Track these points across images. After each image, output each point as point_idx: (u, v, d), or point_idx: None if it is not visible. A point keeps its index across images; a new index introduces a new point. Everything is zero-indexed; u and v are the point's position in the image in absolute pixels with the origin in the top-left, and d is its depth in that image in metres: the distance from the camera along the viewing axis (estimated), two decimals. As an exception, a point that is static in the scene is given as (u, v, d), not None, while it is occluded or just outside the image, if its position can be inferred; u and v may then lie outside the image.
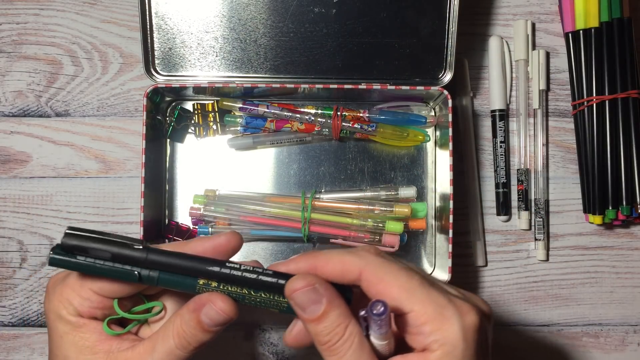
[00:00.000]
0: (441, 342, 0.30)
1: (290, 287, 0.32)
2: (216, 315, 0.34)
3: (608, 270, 0.57)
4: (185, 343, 0.34)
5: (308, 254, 0.34)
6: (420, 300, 0.31)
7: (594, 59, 0.55)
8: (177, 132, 0.55)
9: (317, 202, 0.52)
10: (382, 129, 0.53)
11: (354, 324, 0.31)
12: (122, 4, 0.57)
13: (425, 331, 0.31)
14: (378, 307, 0.29)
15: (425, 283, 0.32)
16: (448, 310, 0.31)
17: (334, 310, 0.31)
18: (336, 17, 0.51)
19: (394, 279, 0.32)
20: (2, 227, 0.56)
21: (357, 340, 0.31)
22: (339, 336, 0.31)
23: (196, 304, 0.34)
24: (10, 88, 0.56)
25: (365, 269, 0.32)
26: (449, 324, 0.31)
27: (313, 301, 0.31)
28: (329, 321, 0.31)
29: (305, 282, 0.32)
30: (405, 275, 0.32)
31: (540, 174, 0.57)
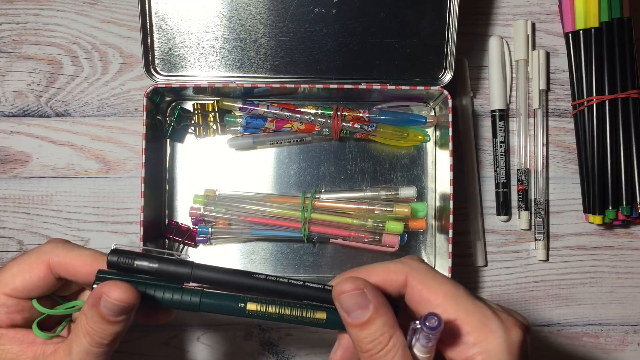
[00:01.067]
0: (485, 355, 0.30)
1: (338, 288, 0.31)
2: (114, 306, 0.32)
3: (608, 270, 0.57)
4: (97, 339, 0.33)
5: (350, 271, 0.33)
6: (465, 309, 0.31)
7: (594, 59, 0.55)
8: (177, 132, 0.55)
9: (317, 202, 0.52)
10: (382, 129, 0.53)
11: (399, 335, 0.31)
12: (122, 4, 0.57)
13: (469, 341, 0.30)
14: (432, 320, 0.29)
15: (471, 294, 0.32)
16: (494, 322, 0.30)
17: (380, 318, 0.31)
18: (336, 17, 0.51)
19: (440, 285, 0.31)
20: (2, 227, 0.56)
21: (400, 352, 0.30)
22: (383, 345, 0.30)
23: (94, 298, 0.33)
24: (10, 88, 0.56)
25: (411, 274, 0.32)
26: (494, 337, 0.30)
27: (360, 306, 0.31)
28: (374, 328, 0.30)
29: (354, 285, 0.31)
30: (451, 283, 0.32)
31: (540, 174, 0.57)
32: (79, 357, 0.34)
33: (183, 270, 0.34)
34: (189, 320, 0.55)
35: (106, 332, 0.33)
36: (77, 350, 0.33)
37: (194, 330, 0.55)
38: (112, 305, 0.32)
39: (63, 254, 0.35)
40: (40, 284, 0.35)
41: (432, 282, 0.32)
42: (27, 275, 0.35)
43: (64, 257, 0.35)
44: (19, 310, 0.35)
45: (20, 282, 0.35)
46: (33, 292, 0.35)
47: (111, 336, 0.33)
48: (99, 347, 0.33)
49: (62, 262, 0.35)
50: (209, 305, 0.34)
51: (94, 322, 0.33)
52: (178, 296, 0.34)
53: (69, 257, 0.35)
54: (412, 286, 0.32)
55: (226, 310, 0.34)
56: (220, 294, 0.35)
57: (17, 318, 0.35)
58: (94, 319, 0.33)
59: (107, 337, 0.33)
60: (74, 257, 0.35)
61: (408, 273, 0.32)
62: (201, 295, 0.34)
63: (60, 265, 0.35)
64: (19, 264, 0.35)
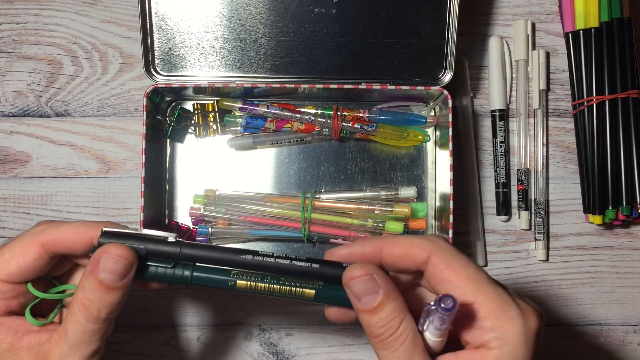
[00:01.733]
0: (502, 341, 0.30)
1: (348, 274, 0.31)
2: (115, 264, 0.32)
3: (608, 270, 0.57)
4: (94, 313, 0.33)
5: (375, 238, 0.33)
6: (485, 293, 0.30)
7: (594, 59, 0.55)
8: (177, 132, 0.55)
9: (317, 202, 0.53)
10: (382, 129, 0.53)
11: (409, 319, 0.31)
12: (122, 4, 0.57)
13: (486, 326, 0.30)
14: (448, 301, 0.28)
15: (492, 280, 0.31)
16: (512, 309, 0.30)
17: (390, 303, 0.30)
18: (336, 17, 0.51)
19: (462, 267, 0.31)
20: (2, 227, 0.56)
21: (411, 336, 0.30)
22: (393, 330, 0.30)
23: (92, 265, 0.33)
24: (10, 88, 0.56)
25: (435, 253, 0.32)
26: (512, 323, 0.30)
27: (370, 291, 0.31)
28: (384, 313, 0.30)
29: (364, 270, 0.31)
30: (474, 267, 0.31)
31: (540, 174, 0.57)
32: (74, 337, 0.33)
33: (172, 249, 0.35)
34: (189, 320, 0.55)
35: (103, 303, 0.33)
36: (73, 330, 0.33)
37: (194, 330, 0.55)
38: (113, 263, 0.32)
39: (55, 231, 0.35)
40: (35, 266, 0.35)
41: (455, 263, 0.31)
42: (21, 259, 0.35)
43: (57, 233, 0.35)
44: (15, 296, 0.35)
45: (14, 266, 0.34)
46: (28, 275, 0.35)
47: (108, 308, 0.33)
48: (95, 322, 0.33)
49: (55, 239, 0.35)
50: (201, 279, 0.35)
51: (91, 292, 0.33)
52: (170, 270, 0.35)
53: (61, 232, 0.35)
54: (434, 264, 0.31)
55: (217, 284, 0.35)
56: (211, 269, 0.35)
57: (13, 304, 0.35)
58: (91, 287, 0.33)
59: (104, 309, 0.33)
60: (67, 230, 0.35)
61: (432, 251, 0.32)
62: (193, 269, 0.35)
63: (55, 242, 0.35)
64: (11, 248, 0.35)
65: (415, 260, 0.32)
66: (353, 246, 0.33)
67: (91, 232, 0.35)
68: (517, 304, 0.31)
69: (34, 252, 0.35)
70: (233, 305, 0.55)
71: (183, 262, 0.35)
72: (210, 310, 0.55)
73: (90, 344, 0.34)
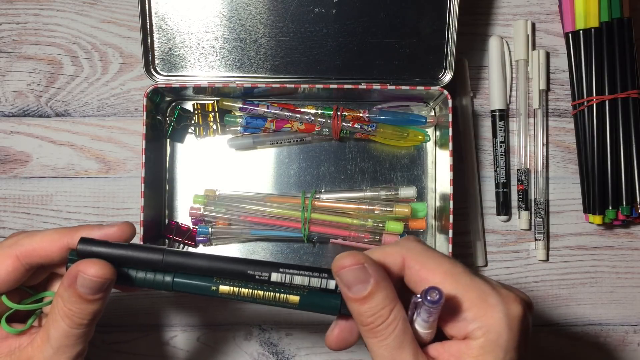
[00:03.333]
0: (485, 330, 0.30)
1: (338, 263, 0.31)
2: (92, 283, 0.32)
3: (608, 270, 0.57)
4: (77, 320, 0.33)
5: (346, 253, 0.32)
6: (464, 285, 0.30)
7: (594, 59, 0.55)
8: (177, 132, 0.55)
9: (317, 202, 0.52)
10: (382, 129, 0.53)
11: (399, 308, 0.31)
12: (122, 4, 0.57)
13: (468, 317, 0.30)
14: (434, 294, 0.28)
15: (469, 271, 0.31)
16: (492, 297, 0.30)
17: (380, 292, 0.30)
18: (336, 17, 0.51)
19: (437, 264, 0.31)
20: (2, 227, 0.55)
21: (400, 324, 0.30)
22: (383, 319, 0.30)
23: (69, 279, 0.33)
24: (10, 88, 0.56)
25: (408, 255, 0.32)
26: (493, 311, 0.30)
27: (360, 280, 0.31)
28: (374, 302, 0.30)
29: (355, 260, 0.31)
30: (449, 261, 0.32)
31: (540, 174, 0.57)
32: (58, 342, 0.33)
33: (154, 256, 0.34)
34: (189, 320, 0.55)
35: (85, 312, 0.33)
36: (55, 336, 0.33)
37: (194, 330, 0.55)
38: (90, 282, 0.32)
39: (28, 242, 0.35)
40: (9, 279, 0.35)
41: (429, 261, 0.31)
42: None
43: (30, 244, 0.35)
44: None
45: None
46: (1, 287, 0.35)
47: (90, 315, 0.33)
48: (78, 328, 0.33)
49: (30, 249, 0.35)
50: (182, 285, 0.35)
51: (71, 303, 0.33)
52: (151, 275, 0.35)
53: (35, 242, 0.35)
54: (409, 267, 0.32)
55: (199, 290, 0.35)
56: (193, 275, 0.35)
57: None
58: (71, 299, 0.33)
59: (86, 316, 0.33)
60: (40, 240, 0.35)
61: (405, 254, 0.32)
62: (174, 275, 0.35)
63: (29, 253, 0.35)
64: None
65: (393, 268, 0.32)
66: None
67: (66, 239, 0.35)
68: (497, 291, 0.31)
69: (7, 264, 0.35)
70: (233, 305, 0.55)
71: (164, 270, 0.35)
72: (210, 310, 0.55)
73: (74, 346, 0.34)
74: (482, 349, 0.30)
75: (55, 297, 0.34)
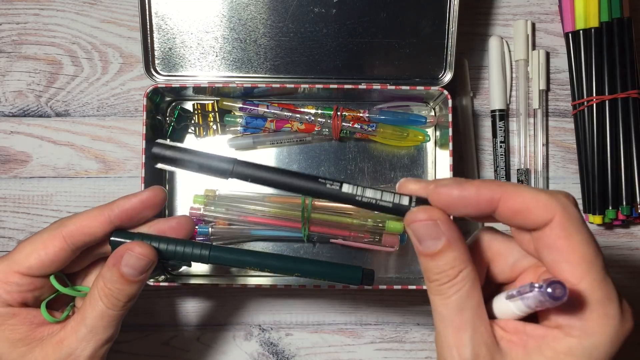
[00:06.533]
0: (585, 333, 0.27)
1: (411, 216, 0.30)
2: (137, 261, 0.35)
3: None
4: (114, 301, 0.35)
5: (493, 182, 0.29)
6: (592, 281, 0.27)
7: (594, 59, 0.55)
8: (177, 132, 0.55)
9: (317, 202, 0.52)
10: (382, 129, 0.53)
11: (469, 271, 0.29)
12: (122, 4, 0.57)
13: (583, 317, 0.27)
14: (559, 290, 0.25)
15: (605, 268, 0.28)
16: (613, 307, 0.27)
17: (452, 252, 0.29)
18: (336, 17, 0.51)
19: (582, 243, 0.27)
20: (2, 227, 0.56)
21: (467, 287, 0.28)
22: (449, 278, 0.29)
23: (115, 258, 0.35)
24: (10, 88, 0.56)
25: (560, 216, 0.27)
26: (606, 321, 0.27)
27: (432, 236, 0.29)
28: (443, 260, 0.29)
29: (427, 215, 0.29)
30: (594, 247, 0.28)
31: (540, 174, 0.57)
32: (94, 321, 0.35)
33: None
34: (189, 320, 0.55)
35: (123, 293, 0.35)
36: (91, 315, 0.35)
37: (194, 330, 0.55)
38: (135, 260, 0.34)
39: (72, 221, 0.36)
40: (56, 259, 0.36)
41: (576, 235, 0.27)
42: (42, 253, 0.35)
43: (74, 223, 0.36)
44: (32, 289, 0.36)
45: (35, 259, 0.35)
46: (49, 268, 0.36)
47: (127, 298, 0.35)
48: (114, 309, 0.35)
49: (73, 229, 0.36)
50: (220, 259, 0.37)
51: (113, 283, 0.35)
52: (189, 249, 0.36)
53: (78, 221, 0.36)
54: (552, 228, 0.28)
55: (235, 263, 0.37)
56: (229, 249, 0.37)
57: (28, 297, 0.36)
58: (113, 278, 0.35)
59: (123, 298, 0.35)
60: (83, 218, 0.36)
61: (558, 215, 0.27)
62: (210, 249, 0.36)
63: (74, 232, 0.36)
64: (32, 242, 0.36)
65: (535, 220, 0.28)
66: (467, 188, 0.29)
67: (106, 212, 0.36)
68: (622, 304, 0.28)
69: (54, 245, 0.36)
70: (233, 305, 0.55)
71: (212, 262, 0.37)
72: (210, 310, 0.55)
73: (107, 329, 0.36)
74: (571, 350, 0.27)
75: (96, 279, 0.36)
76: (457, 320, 0.28)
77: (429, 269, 0.29)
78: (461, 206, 0.29)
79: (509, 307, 0.29)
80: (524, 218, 0.29)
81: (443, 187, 0.30)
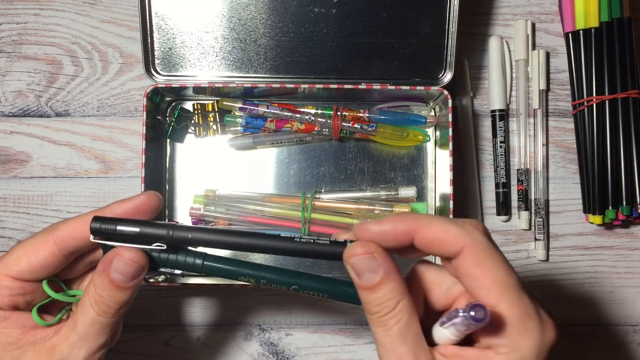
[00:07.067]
0: (512, 350, 0.29)
1: (349, 251, 0.31)
2: (126, 267, 0.33)
3: (608, 270, 0.57)
4: (105, 308, 0.34)
5: (409, 215, 0.32)
6: (509, 300, 0.29)
7: (594, 59, 0.55)
8: (177, 132, 0.55)
9: (317, 202, 0.53)
10: (382, 129, 0.53)
11: (407, 302, 0.30)
12: (122, 4, 0.57)
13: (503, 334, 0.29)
14: (480, 312, 0.27)
15: (521, 286, 0.30)
16: (533, 321, 0.29)
17: (389, 283, 0.30)
18: (336, 17, 0.51)
19: (494, 268, 0.30)
20: (2, 227, 0.56)
21: (406, 318, 0.30)
22: (389, 309, 0.30)
23: (104, 264, 0.34)
24: (10, 88, 0.56)
25: (469, 246, 0.30)
26: (528, 336, 0.29)
27: (370, 269, 0.31)
28: (382, 292, 0.30)
29: (365, 249, 0.31)
30: (506, 270, 0.30)
31: (540, 174, 0.57)
32: (84, 328, 0.34)
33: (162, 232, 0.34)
34: (189, 320, 0.55)
35: (115, 300, 0.34)
36: (82, 322, 0.34)
37: (194, 330, 0.55)
38: (124, 265, 0.33)
39: (65, 226, 0.36)
40: (47, 264, 0.35)
41: (487, 262, 0.30)
42: (33, 257, 0.35)
43: (66, 228, 0.36)
44: (22, 293, 0.36)
45: (25, 263, 0.35)
46: (40, 273, 0.35)
47: (118, 305, 0.34)
48: (105, 316, 0.34)
49: (65, 234, 0.35)
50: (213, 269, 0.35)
51: (102, 289, 0.34)
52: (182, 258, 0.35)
53: (70, 225, 0.36)
54: (465, 257, 0.30)
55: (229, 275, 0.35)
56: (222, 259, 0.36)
57: (19, 301, 0.36)
58: (103, 285, 0.34)
59: (114, 305, 0.34)
60: (74, 222, 0.36)
61: (467, 244, 0.30)
62: (204, 258, 0.35)
63: (65, 236, 0.35)
64: (24, 246, 0.36)
65: (448, 249, 0.31)
66: (384, 224, 0.31)
67: None
68: (539, 316, 0.30)
69: (45, 249, 0.35)
70: (233, 305, 0.55)
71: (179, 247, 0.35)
72: (210, 310, 0.55)
73: (98, 336, 0.35)
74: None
75: (87, 286, 0.35)
76: (400, 350, 0.30)
77: (369, 301, 0.31)
78: (383, 240, 0.31)
79: (445, 334, 0.31)
80: (439, 248, 0.31)
81: (364, 224, 0.32)
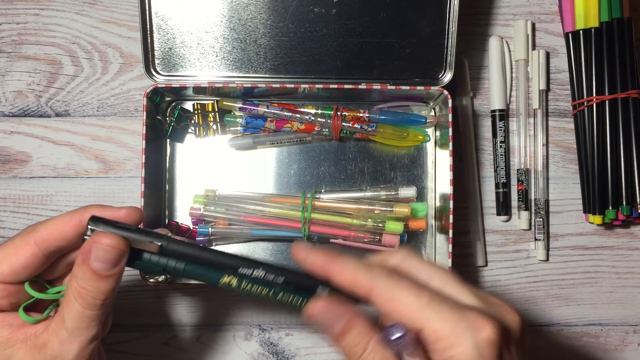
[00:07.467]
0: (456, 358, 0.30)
1: (309, 310, 0.33)
2: (106, 254, 0.33)
3: (608, 270, 0.57)
4: (90, 300, 0.34)
5: (329, 255, 0.34)
6: (428, 319, 0.31)
7: (594, 59, 0.55)
8: (177, 132, 0.55)
9: (317, 202, 0.52)
10: (382, 129, 0.53)
11: (375, 341, 0.32)
12: (122, 4, 0.57)
13: (439, 348, 0.30)
14: (395, 332, 0.30)
15: (436, 300, 0.31)
16: (460, 326, 0.30)
17: (353, 329, 0.32)
18: (336, 17, 0.51)
19: (402, 299, 0.32)
20: (2, 227, 0.56)
21: (378, 356, 0.31)
22: (361, 352, 0.32)
23: (83, 255, 0.33)
24: (10, 88, 0.56)
25: (375, 288, 0.32)
26: (461, 340, 0.30)
27: (332, 321, 0.32)
28: (349, 338, 0.32)
29: (324, 304, 0.33)
30: (413, 294, 0.32)
31: (540, 174, 0.57)
32: (72, 323, 0.34)
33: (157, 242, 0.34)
34: (189, 320, 0.55)
35: (98, 290, 0.34)
36: (70, 317, 0.34)
37: (194, 330, 0.55)
38: (104, 252, 0.33)
39: (43, 226, 0.36)
40: (28, 265, 0.35)
41: (394, 295, 0.32)
42: (14, 259, 0.35)
43: (46, 228, 0.35)
44: (6, 295, 0.36)
45: (7, 266, 0.35)
46: (21, 274, 0.35)
47: (103, 294, 0.34)
48: (92, 308, 0.34)
49: (45, 234, 0.35)
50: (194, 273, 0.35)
51: (85, 281, 0.33)
52: (164, 260, 0.35)
53: (50, 226, 0.36)
54: (375, 297, 0.32)
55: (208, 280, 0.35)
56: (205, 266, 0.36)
57: (3, 303, 0.36)
58: (85, 276, 0.33)
59: (99, 296, 0.34)
60: (54, 222, 0.36)
61: (373, 287, 0.32)
62: (186, 264, 0.35)
63: (45, 237, 0.35)
64: (4, 249, 0.36)
65: (358, 292, 0.33)
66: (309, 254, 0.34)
67: (77, 217, 0.36)
68: (465, 318, 0.30)
69: (26, 251, 0.35)
70: (233, 305, 0.55)
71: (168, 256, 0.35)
72: (210, 310, 0.55)
73: (88, 329, 0.34)
74: None
75: (69, 279, 0.34)
76: None
77: (341, 347, 0.32)
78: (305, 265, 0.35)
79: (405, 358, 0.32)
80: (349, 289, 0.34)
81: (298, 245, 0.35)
